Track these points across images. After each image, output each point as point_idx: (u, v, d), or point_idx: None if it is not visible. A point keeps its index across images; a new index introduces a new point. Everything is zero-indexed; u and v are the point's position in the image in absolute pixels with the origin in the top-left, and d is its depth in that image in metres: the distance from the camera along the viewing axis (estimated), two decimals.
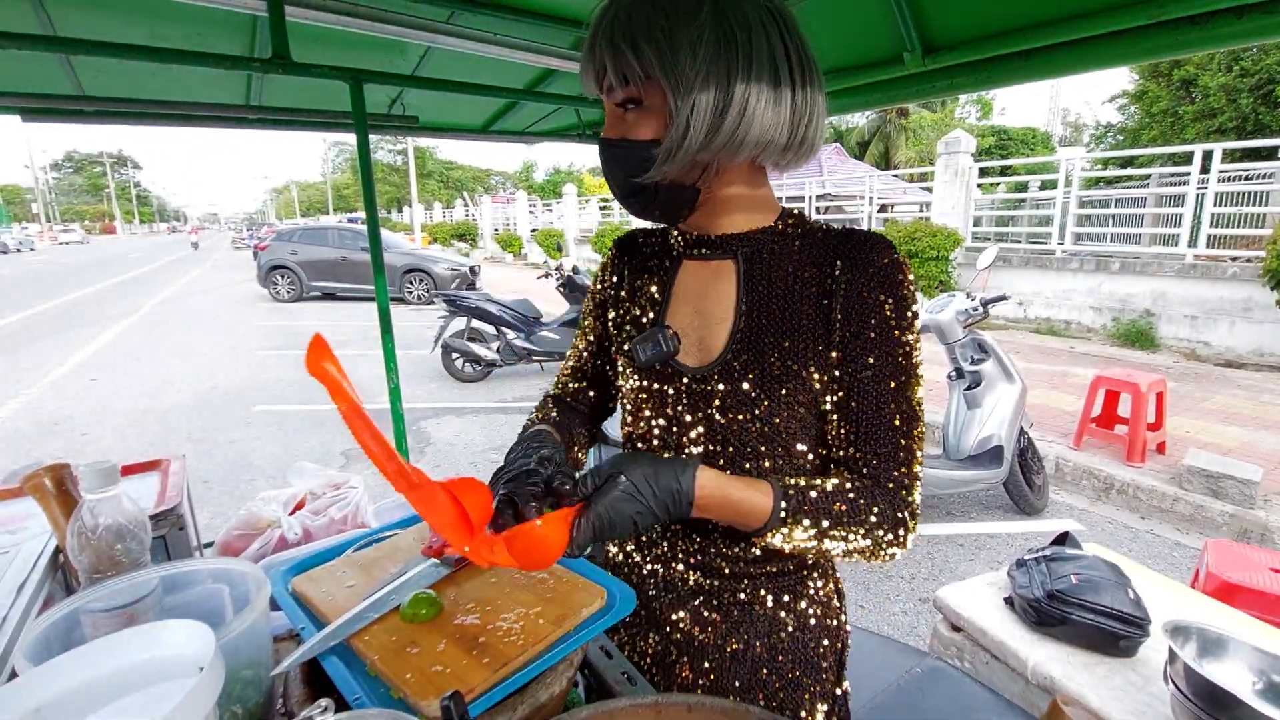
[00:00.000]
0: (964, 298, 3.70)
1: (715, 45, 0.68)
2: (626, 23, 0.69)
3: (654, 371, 0.85)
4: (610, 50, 0.70)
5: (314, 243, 13.98)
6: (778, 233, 0.82)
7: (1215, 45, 0.89)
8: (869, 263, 0.75)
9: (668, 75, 0.69)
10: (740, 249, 0.82)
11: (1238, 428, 4.82)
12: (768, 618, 0.86)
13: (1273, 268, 6.06)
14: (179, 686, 0.60)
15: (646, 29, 0.68)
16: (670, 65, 0.69)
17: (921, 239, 9.12)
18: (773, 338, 0.78)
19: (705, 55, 0.68)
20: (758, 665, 0.86)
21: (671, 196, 0.78)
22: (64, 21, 1.40)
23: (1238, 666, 1.25)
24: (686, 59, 0.68)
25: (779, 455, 0.80)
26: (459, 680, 0.66)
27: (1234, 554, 2.18)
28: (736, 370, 0.79)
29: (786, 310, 0.78)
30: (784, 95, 0.72)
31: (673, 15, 0.68)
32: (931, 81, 1.24)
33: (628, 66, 0.70)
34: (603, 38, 0.71)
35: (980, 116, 29.21)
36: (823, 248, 0.78)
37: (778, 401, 0.77)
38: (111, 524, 0.77)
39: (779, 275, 0.79)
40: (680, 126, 0.71)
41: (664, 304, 0.86)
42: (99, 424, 5.58)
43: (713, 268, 0.84)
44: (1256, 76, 13.71)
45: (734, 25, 0.69)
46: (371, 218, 1.99)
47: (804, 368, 0.77)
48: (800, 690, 0.87)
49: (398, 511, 1.38)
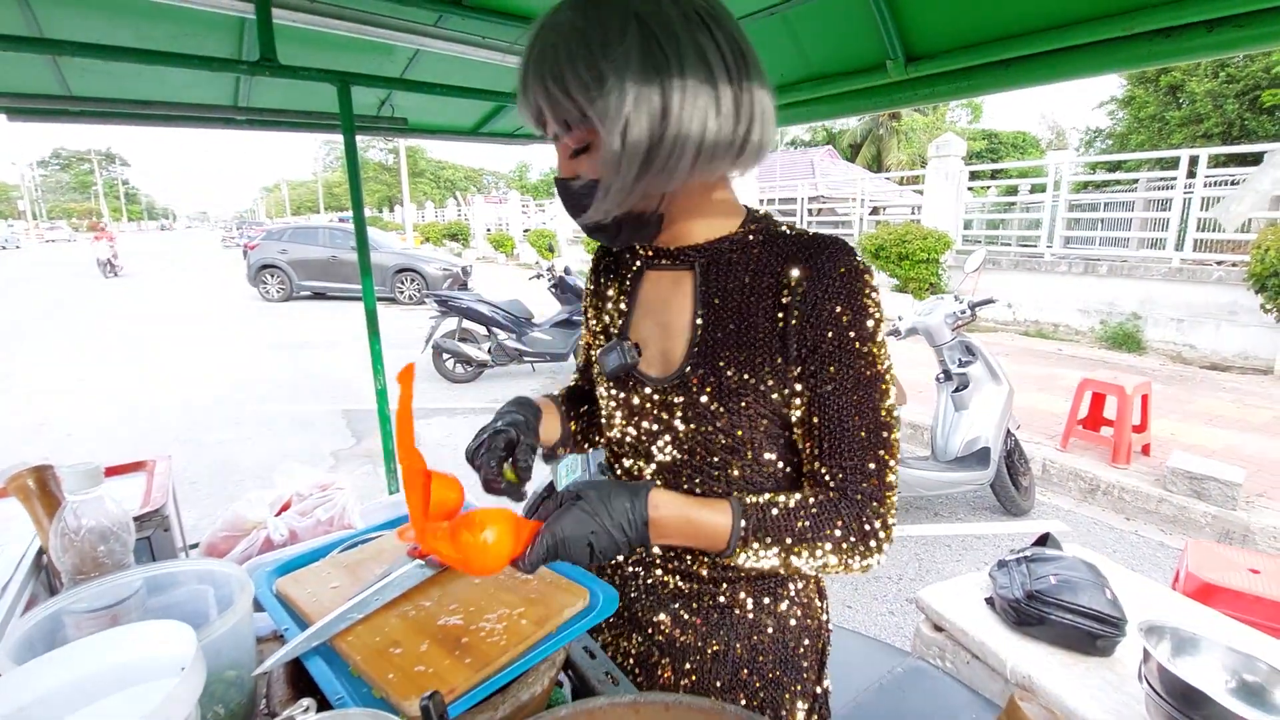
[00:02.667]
0: (953, 300, 3.73)
1: (643, 71, 0.65)
2: (554, 63, 0.66)
3: (621, 381, 0.86)
4: (545, 96, 0.68)
5: (304, 242, 13.89)
6: (738, 240, 0.80)
7: (1185, 57, 0.91)
8: (825, 272, 0.73)
9: (599, 115, 0.67)
10: (697, 260, 0.81)
11: (1222, 430, 4.88)
12: (748, 620, 0.87)
13: (1257, 271, 6.13)
14: (161, 687, 0.61)
15: (573, 68, 0.65)
16: (600, 104, 0.66)
17: (912, 241, 9.17)
18: (728, 350, 0.77)
19: (634, 84, 0.65)
20: (738, 666, 0.87)
21: (634, 226, 0.77)
22: (50, 22, 1.39)
23: (1211, 666, 1.28)
24: (614, 94, 0.65)
25: (747, 465, 0.79)
26: (441, 680, 0.67)
27: (1214, 555, 2.21)
28: (694, 383, 0.79)
29: (741, 322, 0.77)
30: (724, 102, 0.69)
31: (596, 46, 0.65)
32: (914, 89, 1.26)
33: (565, 111, 0.68)
34: (534, 81, 0.68)
35: (971, 120, 29.39)
36: (781, 254, 0.76)
37: (737, 413, 0.77)
38: (94, 525, 0.77)
39: (734, 285, 0.78)
40: (613, 164, 0.69)
41: (628, 314, 0.87)
42: (85, 424, 5.54)
43: (672, 279, 0.84)
44: (1242, 83, 13.89)
45: (661, 42, 0.66)
46: (358, 219, 1.99)
47: (760, 380, 0.76)
48: (781, 690, 0.88)
49: (384, 513, 1.38)
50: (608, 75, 0.65)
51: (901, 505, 3.92)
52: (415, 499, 0.73)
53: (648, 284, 0.86)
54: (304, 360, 8.05)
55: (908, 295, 9.32)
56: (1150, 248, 8.40)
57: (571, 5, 0.67)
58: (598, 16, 0.66)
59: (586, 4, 0.67)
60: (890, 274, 9.59)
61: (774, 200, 15.32)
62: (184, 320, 11.24)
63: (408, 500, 0.74)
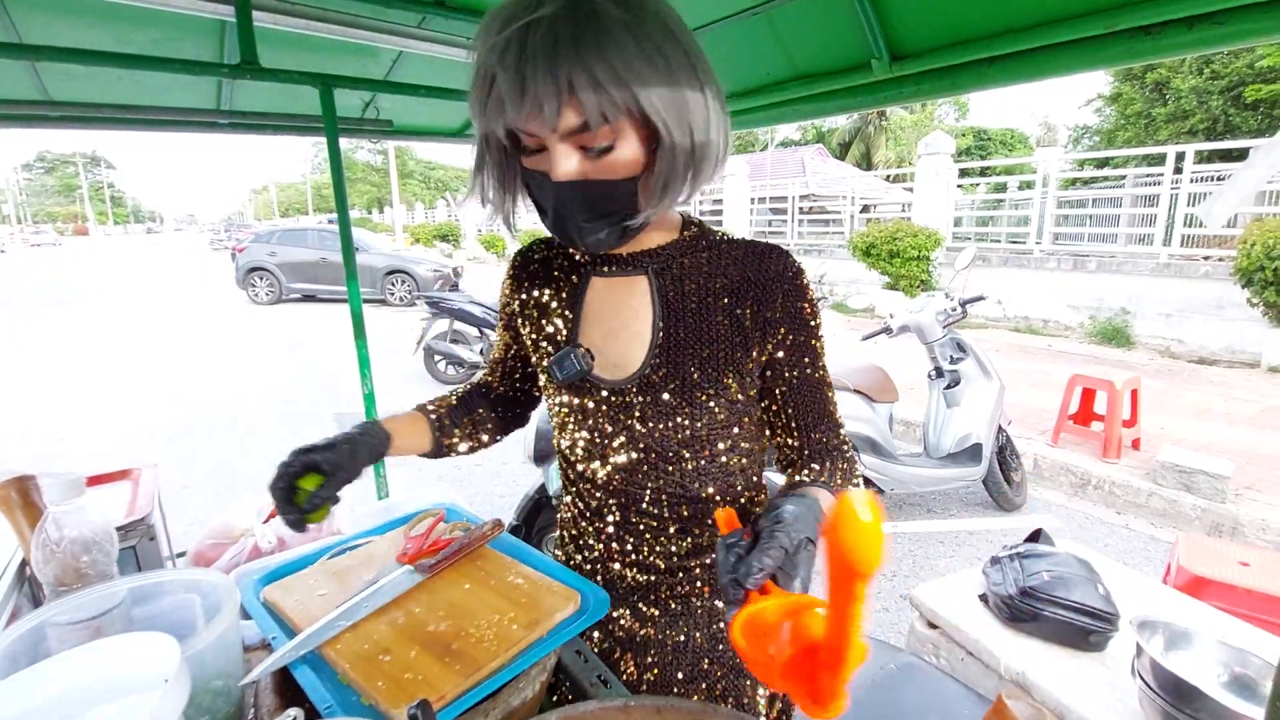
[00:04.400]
0: (943, 298, 3.74)
1: (688, 73, 0.66)
2: (602, 50, 0.61)
3: (573, 387, 0.86)
4: (591, 84, 0.61)
5: (293, 244, 13.80)
6: (685, 245, 0.83)
7: (1166, 54, 0.92)
8: (781, 275, 0.80)
9: (660, 112, 0.64)
10: (651, 264, 0.83)
11: (1210, 424, 4.92)
12: (705, 609, 0.89)
13: (1244, 266, 6.19)
14: (145, 700, 0.60)
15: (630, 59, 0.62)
16: (661, 101, 0.64)
17: (903, 239, 9.22)
18: (692, 349, 0.80)
19: (687, 85, 0.66)
20: (699, 656, 0.89)
21: (636, 231, 0.75)
22: (29, 27, 1.38)
23: (1203, 660, 1.29)
24: (673, 92, 0.65)
25: (701, 457, 0.84)
26: (430, 687, 0.66)
27: (1204, 548, 2.23)
28: (656, 382, 0.81)
29: (702, 320, 0.81)
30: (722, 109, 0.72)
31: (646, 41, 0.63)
32: (899, 87, 1.26)
33: (610, 106, 0.62)
34: (572, 67, 0.60)
35: (958, 117, 29.54)
36: (731, 258, 0.82)
37: (698, 408, 0.80)
38: (77, 536, 0.76)
39: (691, 288, 0.82)
40: (678, 162, 0.68)
41: (575, 320, 0.86)
42: (73, 430, 5.48)
43: (624, 284, 0.84)
44: (1227, 79, 14.03)
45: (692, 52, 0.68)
46: (343, 222, 1.98)
47: (723, 375, 0.80)
48: (742, 677, 0.90)
49: (373, 519, 1.37)
50: (667, 74, 0.64)
51: (895, 502, 3.94)
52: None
53: (595, 290, 0.86)
54: (294, 364, 8.00)
55: (898, 292, 9.36)
56: (1138, 243, 8.47)
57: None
58: (636, 14, 0.63)
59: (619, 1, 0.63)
60: (881, 271, 9.64)
61: (765, 199, 15.34)
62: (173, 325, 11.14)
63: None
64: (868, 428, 3.41)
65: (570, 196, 0.69)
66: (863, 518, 0.46)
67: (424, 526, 0.99)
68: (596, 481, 0.88)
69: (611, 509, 0.89)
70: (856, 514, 0.46)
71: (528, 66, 0.60)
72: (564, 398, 0.87)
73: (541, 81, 0.60)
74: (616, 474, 0.86)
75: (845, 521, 0.47)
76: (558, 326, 0.88)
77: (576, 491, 0.93)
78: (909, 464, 3.51)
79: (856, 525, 0.46)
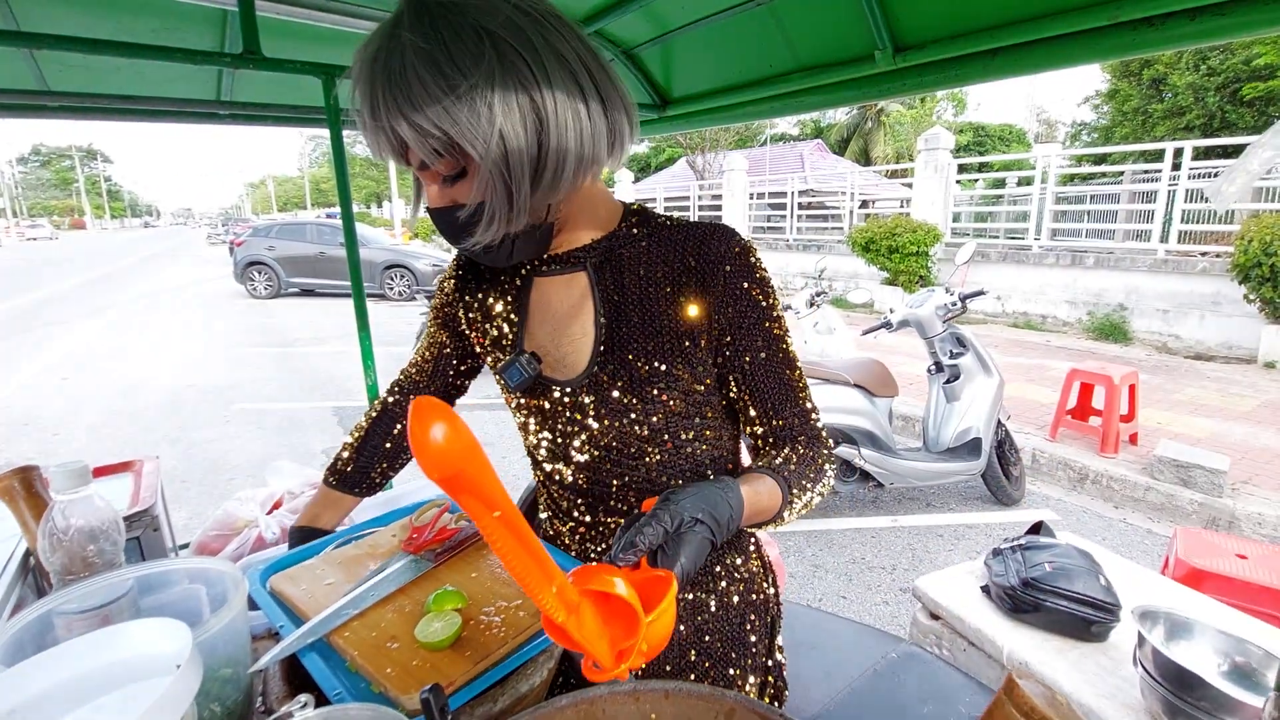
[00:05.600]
0: (943, 293, 3.75)
1: (508, 87, 0.62)
2: (408, 90, 0.60)
3: (528, 390, 0.85)
4: (408, 127, 0.62)
5: (292, 238, 13.75)
6: (623, 236, 0.81)
7: (1169, 46, 0.92)
8: (724, 255, 0.77)
9: (471, 139, 0.62)
10: (589, 260, 0.81)
11: (1207, 419, 4.94)
12: (689, 601, 0.88)
13: (1241, 262, 6.20)
14: (156, 685, 0.60)
15: (432, 94, 0.60)
16: (471, 128, 0.61)
17: (902, 234, 9.21)
18: (636, 342, 0.79)
19: (501, 102, 0.62)
20: (685, 648, 0.89)
21: (526, 240, 0.75)
22: (27, 15, 1.36)
23: (1204, 649, 1.29)
24: (484, 115, 0.61)
25: (665, 450, 0.82)
26: (439, 674, 0.67)
27: (1202, 541, 2.24)
28: (605, 380, 0.80)
29: (645, 312, 0.79)
30: (591, 98, 0.68)
31: (450, 69, 0.60)
32: (902, 79, 1.25)
33: (432, 140, 0.62)
34: (389, 112, 0.62)
35: (955, 113, 29.49)
36: (671, 244, 0.79)
37: (650, 402, 0.79)
38: (84, 525, 0.76)
39: (631, 280, 0.80)
40: (498, 185, 0.66)
41: (521, 323, 0.85)
42: (71, 424, 5.47)
43: (565, 282, 0.83)
44: (1223, 75, 14.02)
45: (521, 52, 0.62)
46: (346, 214, 1.97)
47: (671, 366, 0.79)
48: (729, 666, 0.90)
49: (375, 510, 1.37)
50: (473, 98, 0.60)
51: (894, 496, 3.95)
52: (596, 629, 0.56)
53: (538, 291, 0.85)
54: (293, 357, 7.99)
55: (898, 288, 9.37)
56: (1136, 239, 8.48)
57: (410, 27, 0.61)
58: (444, 37, 0.60)
59: (426, 25, 0.61)
60: (880, 267, 9.64)
61: (764, 195, 15.33)
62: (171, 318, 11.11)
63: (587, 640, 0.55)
64: (867, 422, 3.42)
65: (439, 221, 0.73)
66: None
67: (429, 516, 0.99)
68: (564, 482, 0.88)
69: (581, 509, 0.88)
70: (418, 409, 0.45)
71: (363, 112, 0.65)
72: (520, 400, 0.87)
73: (372, 127, 0.65)
74: (581, 473, 0.86)
75: (410, 422, 0.46)
76: (504, 330, 0.87)
77: (549, 493, 0.93)
78: (908, 458, 3.52)
79: (418, 419, 0.45)
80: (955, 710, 1.18)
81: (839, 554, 3.33)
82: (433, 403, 0.45)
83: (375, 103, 0.63)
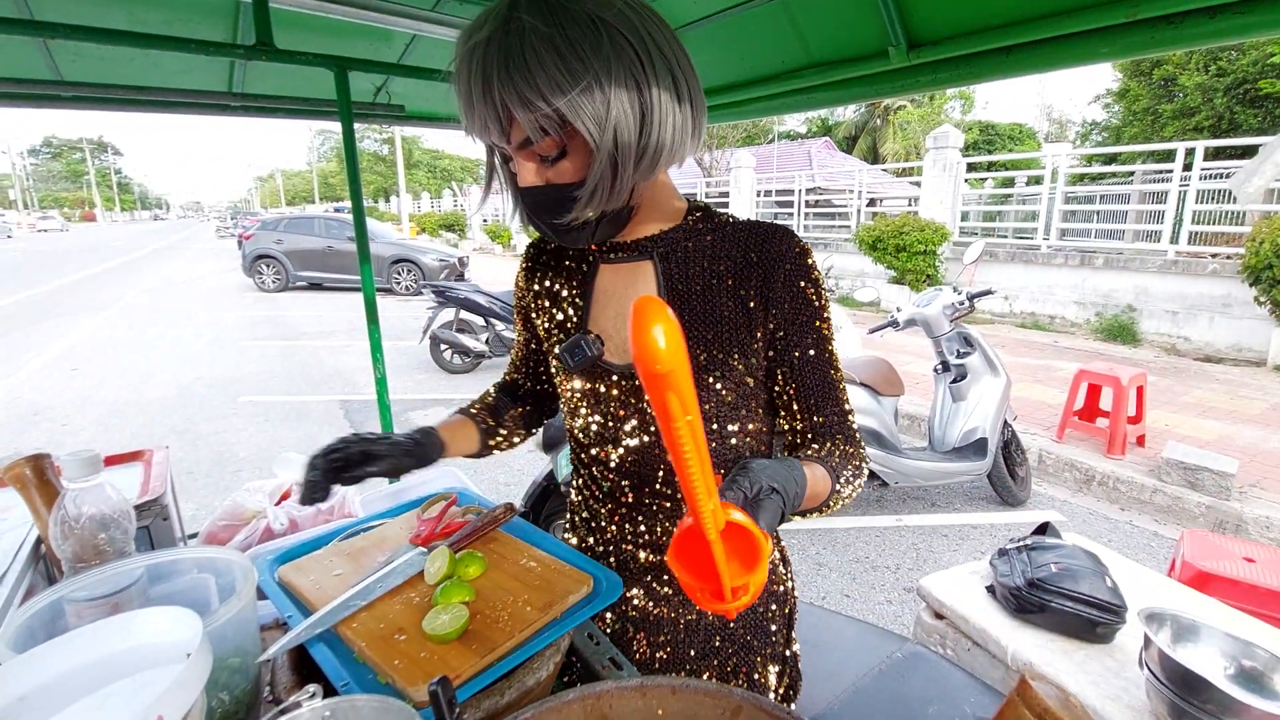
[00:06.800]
0: (951, 292, 3.73)
1: (622, 74, 0.67)
2: (527, 69, 0.64)
3: (585, 372, 0.88)
4: (521, 104, 0.66)
5: (300, 232, 13.81)
6: (688, 229, 0.84)
7: (1188, 44, 0.91)
8: (785, 254, 0.80)
9: (588, 125, 0.67)
10: (655, 249, 0.84)
11: (1215, 421, 4.91)
12: None
13: (1252, 264, 6.15)
14: (167, 673, 0.60)
15: (552, 74, 0.64)
16: (588, 108, 0.66)
17: (910, 233, 9.18)
18: (696, 331, 0.82)
19: (617, 87, 0.67)
20: (711, 634, 0.91)
21: (609, 223, 0.79)
22: (41, 5, 1.37)
23: (1210, 652, 1.29)
24: (599, 98, 0.66)
25: (711, 439, 0.84)
26: (446, 666, 0.67)
27: (1209, 544, 2.22)
28: None
29: (707, 303, 0.82)
30: (682, 92, 0.73)
31: (569, 52, 0.65)
32: (915, 76, 1.24)
33: (544, 118, 0.67)
34: (505, 89, 0.65)
35: (964, 111, 29.30)
36: (734, 241, 0.82)
37: (706, 390, 0.81)
38: (95, 513, 0.77)
39: (696, 271, 0.83)
40: (605, 166, 0.70)
41: (585, 307, 0.88)
42: (80, 415, 5.51)
43: (631, 269, 0.86)
44: (1232, 76, 13.89)
45: (632, 43, 0.68)
46: (357, 207, 1.97)
47: (729, 356, 0.81)
48: (752, 654, 0.92)
49: (384, 502, 1.38)
50: (591, 84, 0.65)
51: (899, 495, 3.94)
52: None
53: (604, 277, 0.88)
54: (301, 351, 8.01)
55: (905, 286, 9.33)
56: (1146, 240, 8.42)
57: (527, 10, 0.65)
58: (562, 22, 0.65)
59: (545, 10, 0.65)
60: (888, 265, 9.60)
61: (771, 192, 15.27)
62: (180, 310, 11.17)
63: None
64: (873, 421, 3.41)
65: (532, 201, 0.76)
66: (649, 312, 0.44)
67: (436, 510, 0.99)
68: (609, 464, 0.90)
69: (625, 491, 0.90)
70: (644, 306, 0.45)
71: (473, 91, 0.68)
72: (576, 383, 0.89)
73: (481, 105, 0.68)
74: (629, 456, 0.87)
75: (634, 318, 0.45)
76: (568, 314, 0.90)
77: (589, 475, 0.94)
78: (914, 457, 3.51)
79: (643, 316, 0.44)
80: (961, 711, 1.17)
81: (843, 553, 3.32)
82: (655, 301, 0.46)
83: (490, 81, 0.66)
